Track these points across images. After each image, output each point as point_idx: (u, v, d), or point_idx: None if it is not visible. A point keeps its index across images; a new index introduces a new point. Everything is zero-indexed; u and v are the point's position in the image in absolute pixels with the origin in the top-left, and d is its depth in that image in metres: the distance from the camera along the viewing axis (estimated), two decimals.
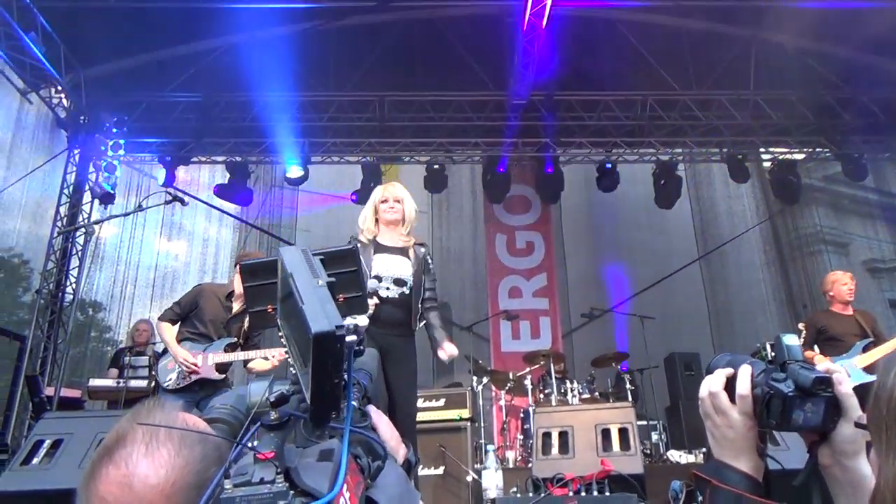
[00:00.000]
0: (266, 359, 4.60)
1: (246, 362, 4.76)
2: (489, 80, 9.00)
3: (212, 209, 9.79)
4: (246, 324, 4.82)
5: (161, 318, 4.84)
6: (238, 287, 4.85)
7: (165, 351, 4.79)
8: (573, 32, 8.53)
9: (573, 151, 9.69)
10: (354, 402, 1.21)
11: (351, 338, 0.93)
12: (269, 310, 1.54)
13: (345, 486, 0.91)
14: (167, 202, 4.98)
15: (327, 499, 0.87)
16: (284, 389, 1.14)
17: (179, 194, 5.20)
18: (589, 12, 8.71)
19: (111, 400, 6.55)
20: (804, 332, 5.72)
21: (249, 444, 1.01)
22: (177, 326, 4.80)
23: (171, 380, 4.63)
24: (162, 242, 10.06)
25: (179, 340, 4.69)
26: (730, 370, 1.13)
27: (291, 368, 1.18)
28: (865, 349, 5.31)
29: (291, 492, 0.88)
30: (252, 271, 1.54)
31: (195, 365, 4.54)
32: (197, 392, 4.64)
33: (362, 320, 1.03)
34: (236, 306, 4.84)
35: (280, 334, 1.20)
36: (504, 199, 10.10)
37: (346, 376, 0.96)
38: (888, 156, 9.83)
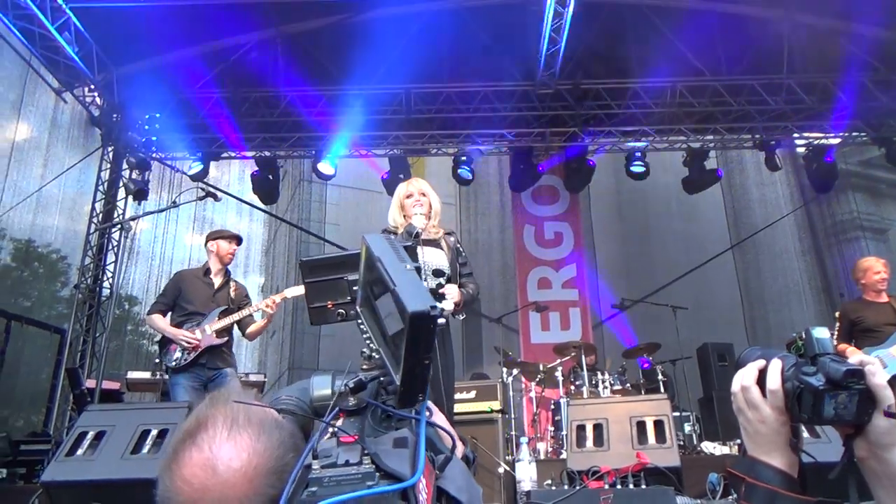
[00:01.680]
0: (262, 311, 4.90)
1: (241, 326, 5.06)
2: (515, 69, 8.94)
3: (242, 203, 9.92)
4: (232, 292, 5.12)
5: (150, 312, 5.15)
6: (213, 264, 5.20)
7: (165, 341, 5.02)
8: (599, 19, 8.43)
9: (601, 140, 9.58)
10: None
11: (441, 320, 0.95)
12: (329, 306, 1.58)
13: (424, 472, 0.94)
14: (200, 198, 5.06)
15: (412, 482, 0.89)
16: (359, 378, 1.17)
17: (212, 190, 5.27)
18: None
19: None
20: (838, 323, 5.52)
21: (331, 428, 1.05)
22: (168, 316, 5.08)
23: (176, 359, 4.87)
24: (194, 237, 10.24)
25: (174, 326, 4.97)
26: (762, 362, 1.11)
27: (365, 358, 1.23)
28: None
29: (378, 473, 0.90)
30: (313, 267, 1.58)
31: (194, 337, 4.83)
32: (204, 367, 4.91)
33: (447, 304, 1.06)
34: (217, 280, 5.15)
35: (359, 322, 1.22)
36: (532, 190, 10.04)
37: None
38: None
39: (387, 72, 8.73)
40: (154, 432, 3.73)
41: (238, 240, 5.39)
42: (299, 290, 4.86)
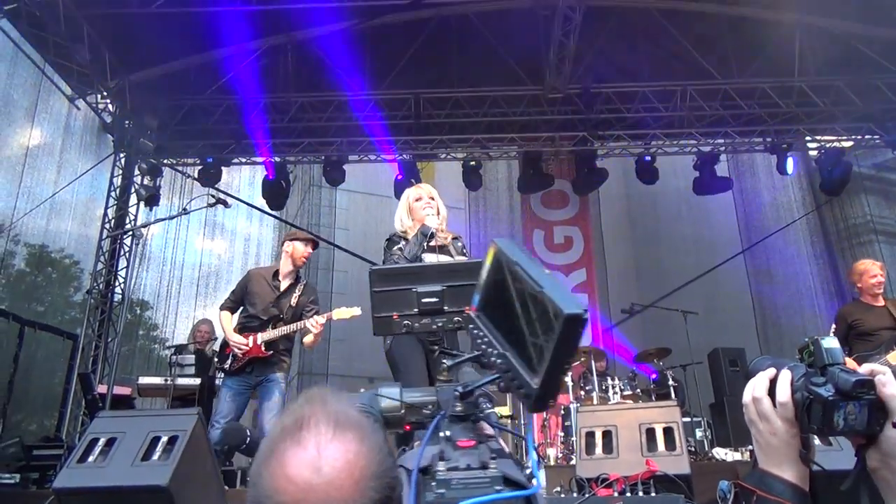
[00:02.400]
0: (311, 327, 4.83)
1: (289, 338, 5.08)
2: (524, 74, 8.94)
3: (252, 209, 9.97)
4: (294, 299, 5.06)
5: (221, 308, 5.24)
6: (284, 266, 5.19)
7: (224, 342, 5.15)
8: (608, 23, 8.42)
9: (611, 145, 9.56)
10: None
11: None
12: (395, 317, 1.62)
13: None
14: (211, 205, 5.09)
15: (536, 489, 0.93)
16: (468, 386, 1.20)
17: (222, 196, 5.31)
18: (624, 2, 8.57)
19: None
20: (834, 325, 5.41)
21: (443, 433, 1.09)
22: (237, 315, 5.17)
23: (228, 364, 5.00)
24: (205, 242, 10.32)
25: (237, 330, 5.05)
26: (772, 372, 1.11)
27: (443, 370, 1.29)
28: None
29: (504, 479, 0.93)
30: (382, 277, 1.61)
31: (245, 345, 4.90)
32: (250, 374, 5.00)
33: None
34: (284, 284, 5.14)
35: (472, 326, 1.23)
36: (541, 194, 10.02)
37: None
38: None
39: (396, 77, 8.76)
40: (164, 439, 3.74)
41: (315, 244, 5.43)
42: (346, 312, 4.81)
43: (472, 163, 9.34)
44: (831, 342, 1.09)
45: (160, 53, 8.29)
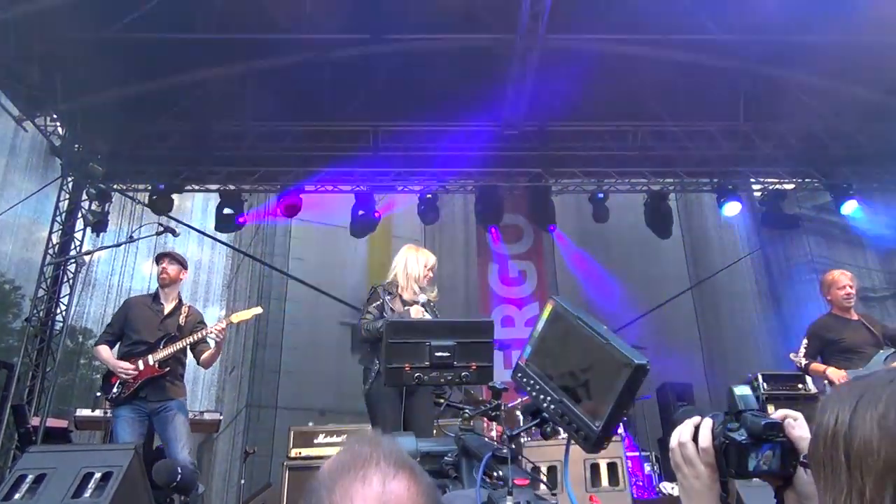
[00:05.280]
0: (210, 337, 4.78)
1: (195, 354, 4.92)
2: (483, 110, 9.08)
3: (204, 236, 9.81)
4: (182, 319, 4.93)
5: (96, 344, 5.03)
6: (161, 289, 5.04)
7: (108, 373, 4.86)
8: (564, 65, 8.64)
9: (565, 181, 9.76)
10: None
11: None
12: (407, 368, 1.78)
13: None
14: (158, 233, 5.00)
15: None
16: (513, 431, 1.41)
17: (171, 225, 5.22)
18: (580, 44, 8.84)
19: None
20: (806, 340, 5.12)
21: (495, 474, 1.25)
22: (116, 347, 4.92)
23: (115, 392, 4.71)
24: (153, 268, 10.04)
25: (119, 358, 4.81)
26: (697, 419, 1.17)
27: (465, 419, 1.48)
28: (885, 362, 4.72)
29: None
30: (399, 329, 1.79)
31: (133, 369, 4.66)
32: (144, 400, 4.72)
33: None
34: (169, 306, 4.99)
35: (519, 375, 1.35)
36: (497, 229, 10.14)
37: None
38: (876, 186, 9.93)
39: (355, 109, 8.81)
40: (97, 475, 3.61)
41: (161, 258, 5.20)
42: (247, 313, 4.83)
43: (429, 196, 9.40)
44: (744, 390, 1.16)
45: (115, 78, 8.15)
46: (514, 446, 1.33)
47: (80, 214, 8.82)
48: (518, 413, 7.30)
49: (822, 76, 8.71)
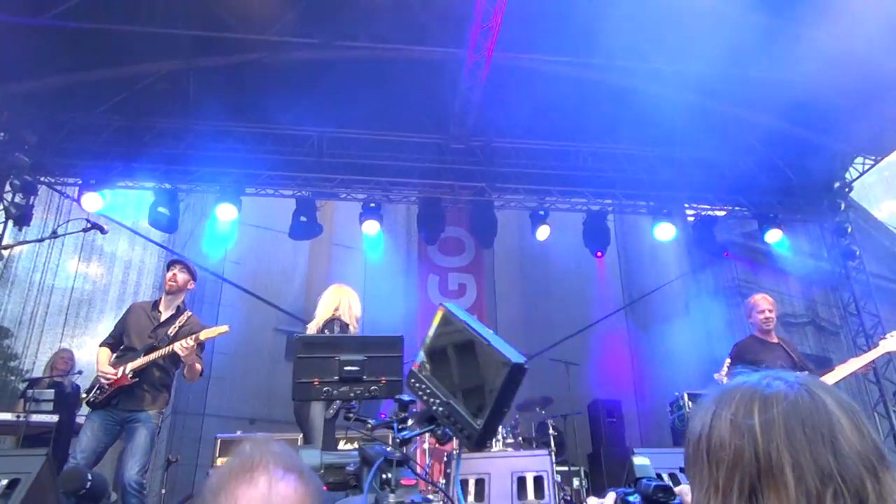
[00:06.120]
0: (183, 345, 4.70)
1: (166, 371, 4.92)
2: (430, 123, 9.14)
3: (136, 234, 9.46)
4: (174, 329, 4.91)
5: (100, 345, 5.04)
6: (165, 296, 5.05)
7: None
8: (513, 83, 8.79)
9: (507, 197, 9.89)
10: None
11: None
12: (316, 383, 1.83)
13: None
14: (85, 230, 4.79)
15: None
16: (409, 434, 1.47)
17: (100, 222, 5.00)
18: (528, 64, 9.01)
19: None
20: (729, 361, 5.33)
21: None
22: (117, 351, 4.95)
23: (93, 395, 4.73)
24: (79, 266, 9.60)
25: (112, 364, 4.81)
26: (613, 494, 1.35)
27: (368, 429, 1.58)
28: None
29: None
30: (307, 345, 1.86)
31: (113, 374, 4.67)
32: (116, 408, 4.70)
33: None
34: (165, 314, 5.02)
35: (413, 381, 1.40)
36: (438, 241, 10.17)
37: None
38: (799, 217, 10.46)
39: (301, 113, 8.70)
40: (3, 482, 3.42)
41: (173, 265, 5.22)
42: (214, 331, 4.75)
43: (372, 205, 9.36)
44: (641, 459, 1.40)
45: (46, 66, 7.81)
46: (404, 450, 1.40)
47: (1, 206, 8.38)
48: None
49: (755, 110, 9.14)
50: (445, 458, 7.11)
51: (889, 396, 9.13)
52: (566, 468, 7.29)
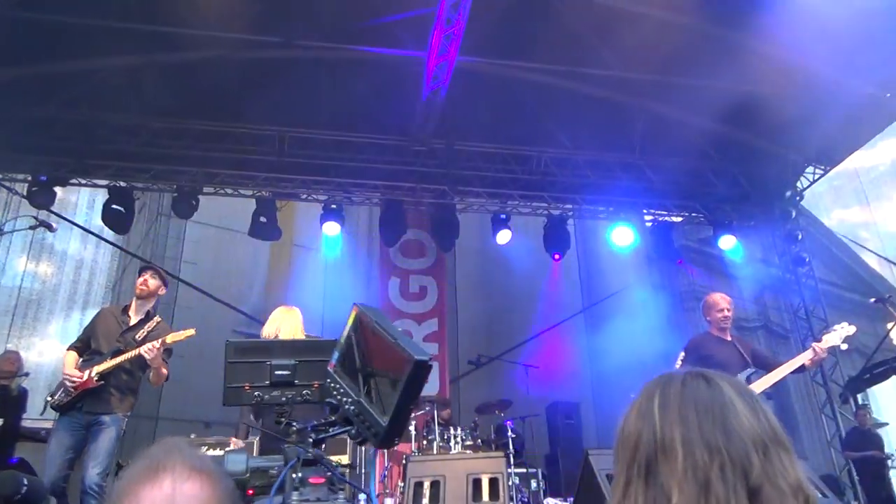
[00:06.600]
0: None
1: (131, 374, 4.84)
2: (392, 125, 9.11)
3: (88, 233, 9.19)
4: (142, 334, 4.89)
5: (68, 348, 4.96)
6: (134, 301, 5.02)
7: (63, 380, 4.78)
8: (476, 87, 8.84)
9: (469, 200, 9.93)
10: None
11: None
12: (246, 388, 1.86)
13: None
14: (32, 227, 4.67)
15: None
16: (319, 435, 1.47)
17: (49, 219, 4.88)
18: (492, 69, 9.07)
19: None
20: (683, 355, 5.38)
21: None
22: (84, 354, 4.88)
23: (57, 399, 4.66)
24: (27, 265, 9.29)
25: (79, 368, 4.73)
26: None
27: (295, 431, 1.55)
28: (748, 381, 5.01)
29: None
30: (239, 350, 1.90)
31: (78, 377, 4.60)
32: (80, 411, 4.64)
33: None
34: (134, 319, 4.98)
35: (329, 381, 1.43)
36: (399, 243, 10.14)
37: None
38: (752, 224, 10.75)
39: (262, 112, 8.59)
40: None
41: (145, 271, 5.17)
42: (181, 334, 4.72)
43: (333, 206, 9.29)
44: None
45: None
46: (315, 450, 1.42)
47: None
48: (411, 428, 7.29)
49: (710, 118, 9.35)
50: (404, 461, 7.10)
51: (835, 398, 9.44)
52: (524, 470, 7.34)
